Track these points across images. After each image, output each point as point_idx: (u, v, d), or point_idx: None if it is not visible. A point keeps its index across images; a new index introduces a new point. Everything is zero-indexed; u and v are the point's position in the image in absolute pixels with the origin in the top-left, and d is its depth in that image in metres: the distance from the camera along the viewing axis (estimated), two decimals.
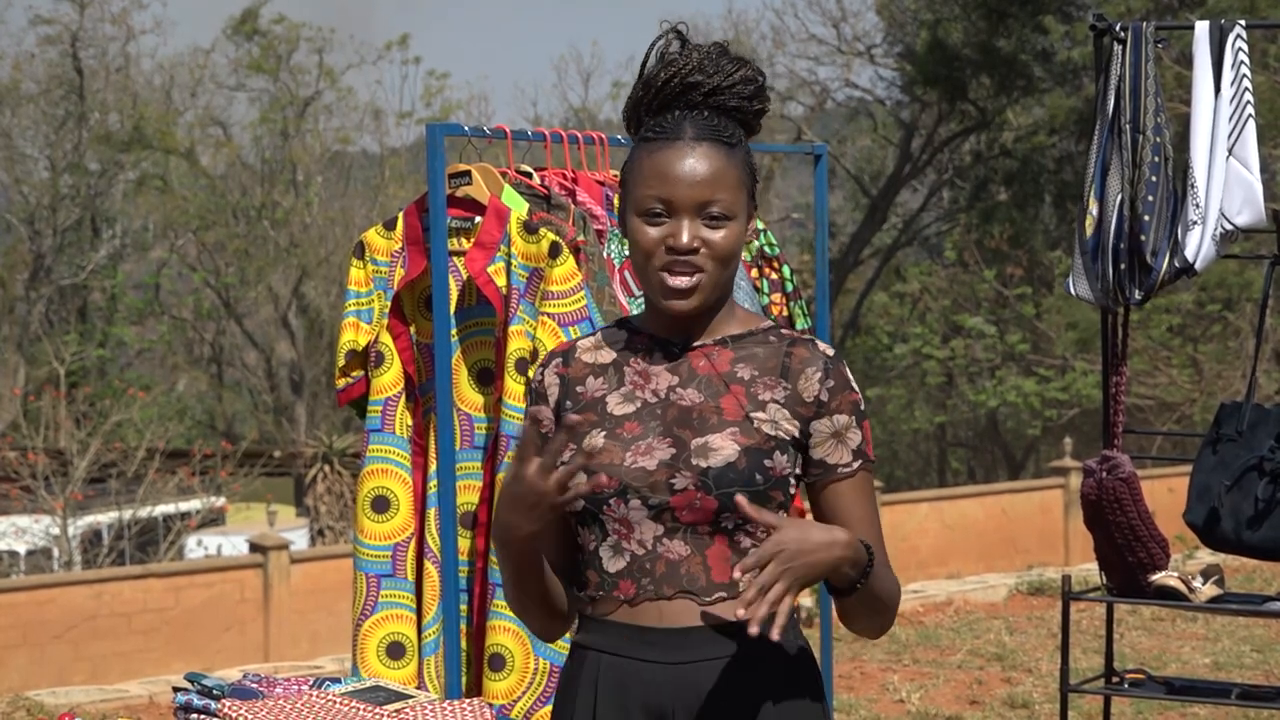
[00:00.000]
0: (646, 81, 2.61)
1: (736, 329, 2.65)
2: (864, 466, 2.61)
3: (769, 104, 2.67)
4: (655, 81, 2.60)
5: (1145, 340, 24.25)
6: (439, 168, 4.17)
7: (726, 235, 2.56)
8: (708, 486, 2.54)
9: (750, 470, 2.54)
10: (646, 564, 2.57)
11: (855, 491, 2.60)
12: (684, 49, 2.61)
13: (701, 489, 2.54)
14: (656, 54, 2.62)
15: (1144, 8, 23.77)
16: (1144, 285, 5.07)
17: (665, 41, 2.62)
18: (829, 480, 2.60)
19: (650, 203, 2.56)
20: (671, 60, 2.60)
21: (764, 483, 2.55)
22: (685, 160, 2.55)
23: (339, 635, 13.90)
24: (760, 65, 2.69)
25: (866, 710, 8.49)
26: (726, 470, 2.54)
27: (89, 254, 32.92)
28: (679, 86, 2.59)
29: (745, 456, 2.54)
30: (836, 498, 2.60)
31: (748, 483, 2.54)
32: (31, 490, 19.46)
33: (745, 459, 2.54)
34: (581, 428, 2.61)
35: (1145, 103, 5.10)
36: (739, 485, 2.53)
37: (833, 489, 2.60)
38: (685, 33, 2.63)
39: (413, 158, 34.10)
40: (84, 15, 33.59)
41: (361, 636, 4.25)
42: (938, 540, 16.91)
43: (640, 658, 2.57)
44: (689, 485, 2.54)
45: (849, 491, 2.60)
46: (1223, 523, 5.01)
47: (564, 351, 2.71)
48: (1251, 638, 10.21)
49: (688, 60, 2.59)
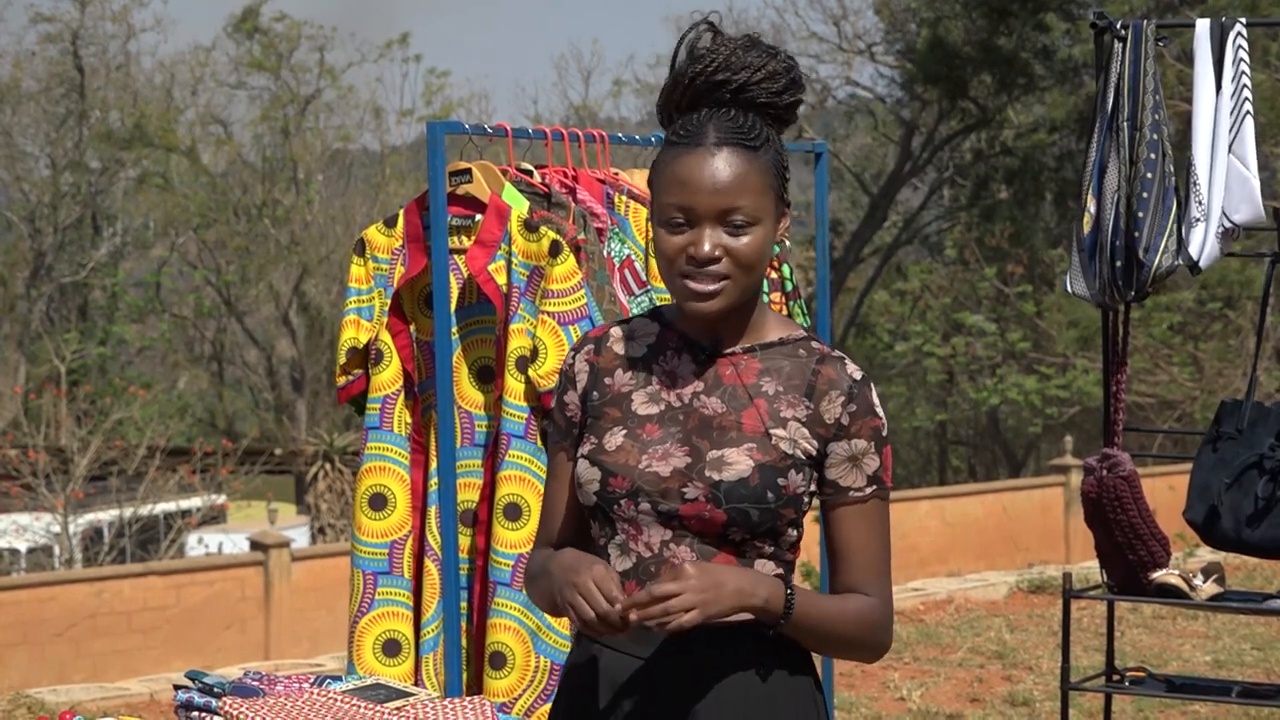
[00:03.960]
0: (675, 77, 2.58)
1: (769, 336, 2.63)
2: (877, 494, 2.59)
3: (803, 94, 2.62)
4: (684, 78, 2.56)
5: (1146, 338, 24.26)
6: (439, 166, 4.17)
7: (750, 242, 2.52)
8: (718, 500, 2.53)
9: (763, 488, 2.53)
10: (651, 567, 2.57)
11: (862, 518, 2.59)
12: (714, 43, 2.56)
13: (711, 501, 2.53)
14: (686, 47, 2.57)
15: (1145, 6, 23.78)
16: (1137, 282, 5.07)
17: (696, 34, 2.58)
18: (839, 502, 2.59)
19: (671, 211, 2.53)
20: (700, 56, 2.55)
21: (775, 501, 2.54)
22: (705, 168, 2.50)
23: (340, 633, 13.89)
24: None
25: (867, 708, 8.49)
26: (738, 485, 2.53)
27: (90, 252, 32.93)
28: (705, 85, 2.55)
29: (759, 473, 2.53)
30: (843, 522, 2.59)
31: (759, 500, 2.53)
32: (32, 488, 19.47)
33: (759, 476, 2.53)
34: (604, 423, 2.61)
35: (1144, 100, 5.10)
36: (750, 501, 2.53)
37: (841, 512, 2.59)
38: (718, 24, 2.58)
39: (413, 156, 34.10)
40: (85, 13, 33.61)
41: (358, 634, 4.25)
42: (938, 538, 16.91)
43: (641, 655, 2.57)
44: (700, 496, 2.54)
45: (856, 517, 2.59)
46: (1223, 521, 5.02)
47: (596, 339, 2.69)
48: (1252, 635, 10.21)
49: (715, 57, 2.54)
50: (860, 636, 2.58)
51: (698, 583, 2.41)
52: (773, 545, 2.57)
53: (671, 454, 2.57)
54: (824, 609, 2.54)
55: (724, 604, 2.43)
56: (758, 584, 2.47)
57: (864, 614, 2.57)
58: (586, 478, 2.60)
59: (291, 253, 32.22)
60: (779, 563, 2.59)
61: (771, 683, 2.57)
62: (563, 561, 2.54)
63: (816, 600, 2.55)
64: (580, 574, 2.46)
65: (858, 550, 2.58)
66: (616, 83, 41.31)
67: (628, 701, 2.58)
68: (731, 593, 2.44)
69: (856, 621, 2.57)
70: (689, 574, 2.41)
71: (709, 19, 2.59)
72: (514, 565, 4.12)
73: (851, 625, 2.56)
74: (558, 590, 2.50)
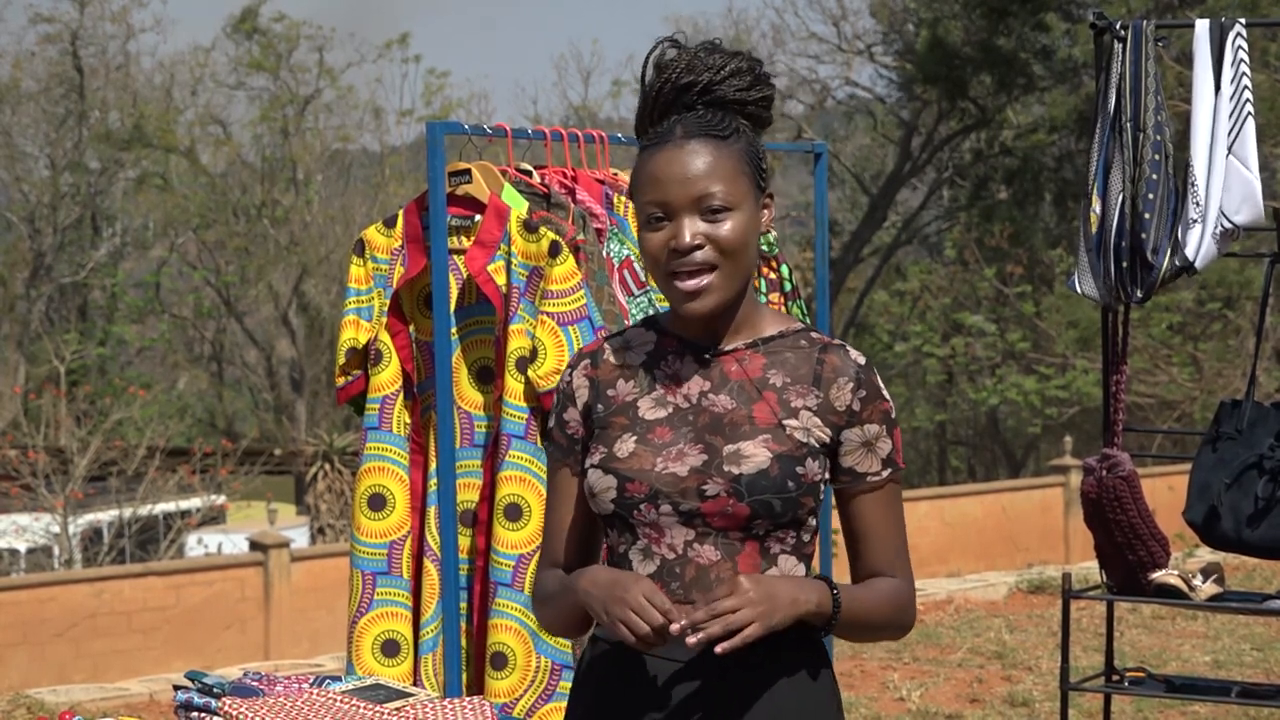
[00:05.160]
0: (644, 93, 2.63)
1: (767, 330, 2.65)
2: (893, 476, 2.63)
3: (772, 91, 2.66)
4: (652, 90, 2.62)
5: (1146, 338, 24.25)
6: (439, 166, 4.17)
7: (730, 227, 2.54)
8: (740, 493, 2.54)
9: (783, 477, 2.55)
10: (676, 568, 2.58)
11: (880, 502, 2.63)
12: (677, 54, 2.61)
13: (733, 495, 2.55)
14: (651, 64, 2.63)
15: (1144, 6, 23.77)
16: (1145, 283, 5.08)
17: (660, 51, 2.63)
18: (858, 489, 2.63)
19: (650, 209, 2.57)
20: (664, 66, 2.61)
21: (796, 490, 2.56)
22: (675, 160, 2.55)
23: (339, 633, 13.89)
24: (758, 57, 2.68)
25: (867, 709, 8.49)
26: (759, 477, 2.55)
27: (89, 252, 32.93)
28: (672, 92, 2.59)
29: (778, 464, 2.55)
30: (863, 507, 2.63)
31: (780, 490, 2.55)
32: (32, 488, 19.47)
33: (778, 466, 2.55)
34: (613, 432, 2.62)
35: (1145, 101, 5.10)
36: (771, 492, 2.54)
37: (860, 498, 2.63)
38: (681, 40, 2.64)
39: (413, 156, 34.10)
40: (84, 13, 33.60)
41: (356, 634, 4.25)
42: (938, 538, 16.91)
43: (665, 656, 2.57)
44: (721, 492, 2.55)
45: (875, 502, 2.63)
46: (1222, 521, 5.02)
47: (591, 353, 2.71)
48: (1251, 636, 10.21)
49: (678, 64, 2.60)
50: (894, 619, 2.65)
51: (755, 595, 2.43)
52: (794, 537, 2.59)
53: (686, 454, 2.58)
54: (864, 601, 2.59)
55: (780, 614, 2.45)
56: (808, 590, 2.51)
57: (895, 597, 2.64)
58: (601, 486, 2.60)
59: (291, 253, 32.22)
60: (799, 557, 2.61)
61: (799, 679, 2.58)
62: (597, 580, 2.54)
63: (855, 594, 2.59)
64: (629, 590, 2.47)
65: (879, 534, 2.64)
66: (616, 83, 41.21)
67: (656, 697, 2.57)
68: (787, 602, 2.46)
69: (891, 606, 2.63)
70: (745, 587, 2.44)
71: (672, 36, 2.64)
72: (515, 566, 4.13)
73: (887, 610, 2.63)
74: (600, 607, 2.50)
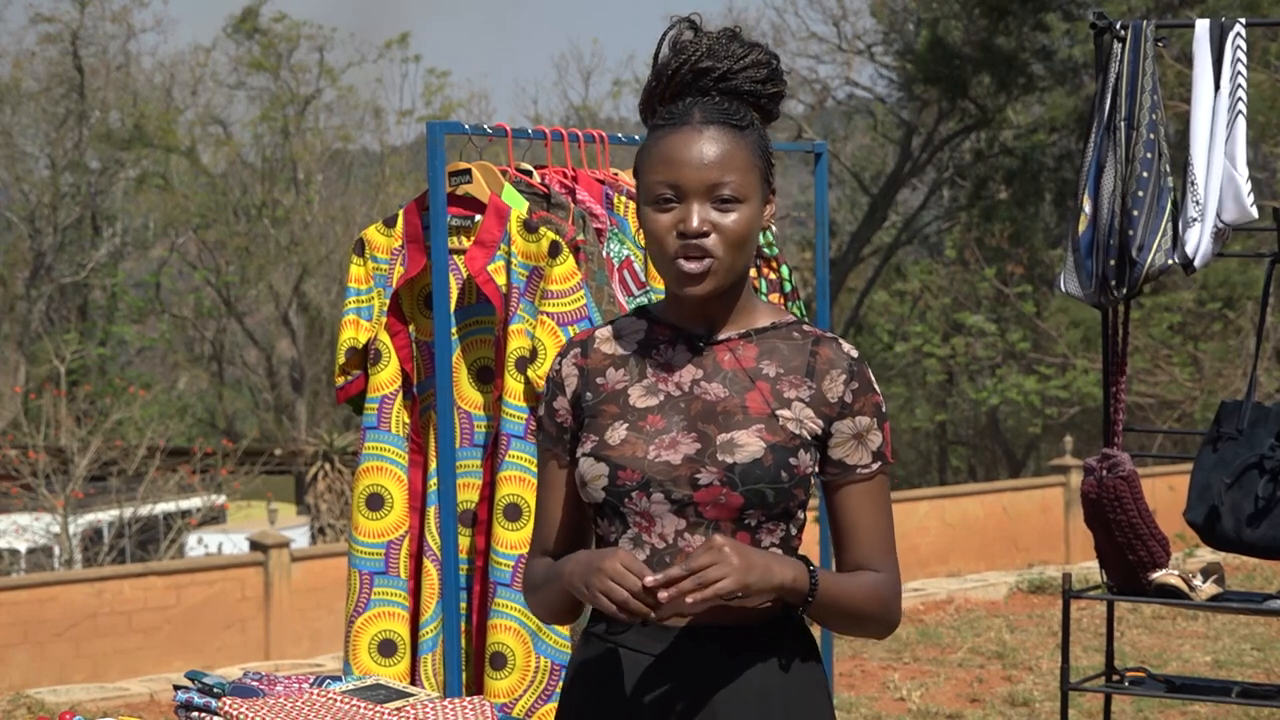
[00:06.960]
0: (658, 70, 2.61)
1: (760, 322, 2.65)
2: (882, 469, 2.62)
3: (785, 87, 2.65)
4: (667, 70, 2.59)
5: (1146, 338, 24.26)
6: (439, 166, 4.17)
7: (737, 219, 2.54)
8: (733, 483, 2.54)
9: (776, 468, 2.55)
10: (667, 557, 2.57)
11: (868, 495, 2.62)
12: (696, 36, 2.60)
13: (727, 485, 2.54)
14: (669, 43, 2.61)
15: (1145, 6, 23.78)
16: (1129, 280, 5.07)
17: (677, 30, 2.61)
18: (846, 481, 2.62)
19: (660, 189, 2.55)
20: (682, 48, 2.59)
21: (788, 480, 2.55)
22: (693, 144, 2.53)
23: (340, 633, 13.87)
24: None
25: (867, 708, 8.49)
26: (753, 467, 2.54)
27: (89, 252, 32.93)
28: (690, 73, 2.58)
29: (771, 454, 2.55)
30: (850, 499, 2.62)
31: (773, 480, 2.54)
32: (32, 488, 19.47)
33: (771, 456, 2.55)
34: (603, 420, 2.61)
35: (1141, 99, 5.11)
36: (764, 482, 2.54)
37: (848, 490, 2.62)
38: (698, 22, 2.62)
39: (413, 156, 34.11)
40: (84, 13, 33.61)
41: (354, 633, 4.25)
42: (938, 538, 16.92)
43: (655, 652, 2.57)
44: (714, 480, 2.54)
45: (864, 494, 2.62)
46: (1223, 521, 5.02)
47: (581, 342, 2.70)
48: (1252, 636, 10.21)
49: (698, 47, 2.58)
50: (876, 612, 2.61)
51: (730, 552, 2.42)
52: (784, 530, 2.58)
53: (679, 442, 2.57)
54: (843, 586, 2.57)
55: (755, 574, 2.43)
56: (785, 564, 2.50)
57: (878, 590, 2.61)
58: (592, 474, 2.60)
59: (291, 253, 32.22)
60: (787, 550, 2.60)
61: (786, 671, 2.58)
62: (578, 560, 2.54)
63: (836, 578, 2.58)
64: (605, 560, 2.45)
65: (866, 527, 2.62)
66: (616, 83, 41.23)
67: (645, 696, 2.57)
68: (762, 567, 2.44)
69: (873, 597, 2.60)
70: (719, 543, 2.42)
71: (690, 17, 2.63)
72: (514, 566, 4.13)
73: (868, 601, 2.60)
74: (581, 583, 2.48)
